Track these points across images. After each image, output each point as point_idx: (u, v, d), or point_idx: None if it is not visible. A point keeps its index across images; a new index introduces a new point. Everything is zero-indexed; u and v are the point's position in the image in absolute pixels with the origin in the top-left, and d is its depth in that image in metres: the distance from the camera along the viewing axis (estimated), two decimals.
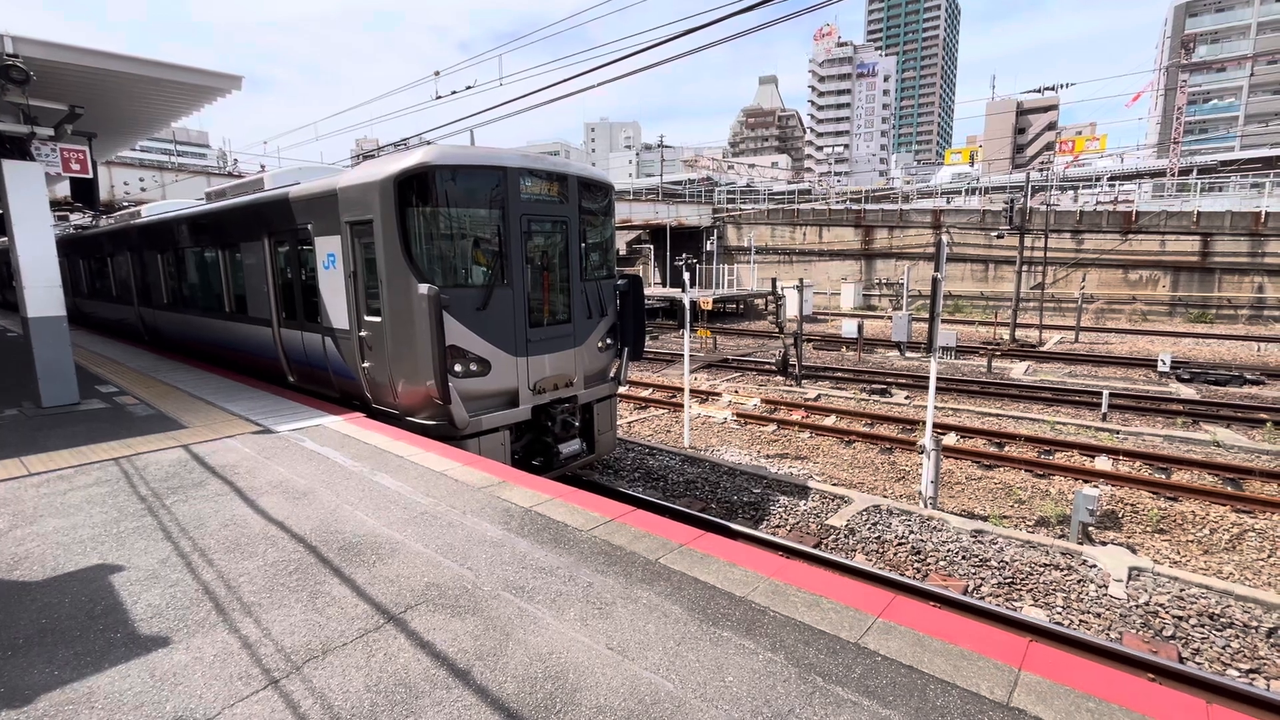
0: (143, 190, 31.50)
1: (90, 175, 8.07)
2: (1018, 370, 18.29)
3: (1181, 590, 6.32)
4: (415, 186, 6.41)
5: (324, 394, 8.26)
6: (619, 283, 8.53)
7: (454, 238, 6.77)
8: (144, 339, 14.09)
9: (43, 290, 7.73)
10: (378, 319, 6.82)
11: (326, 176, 7.94)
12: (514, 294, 7.00)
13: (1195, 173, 40.93)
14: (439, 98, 13.68)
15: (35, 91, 6.90)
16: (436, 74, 14.10)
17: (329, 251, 7.35)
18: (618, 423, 10.01)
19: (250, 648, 2.95)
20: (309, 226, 7.63)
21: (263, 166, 37.31)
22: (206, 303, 10.78)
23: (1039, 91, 42.36)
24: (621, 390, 9.00)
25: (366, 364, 7.14)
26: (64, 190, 19.15)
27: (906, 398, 15.17)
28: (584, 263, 7.84)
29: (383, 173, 6.47)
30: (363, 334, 7.08)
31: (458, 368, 6.58)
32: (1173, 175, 42.65)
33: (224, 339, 10.46)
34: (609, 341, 8.40)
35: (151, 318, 13.24)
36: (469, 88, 12.77)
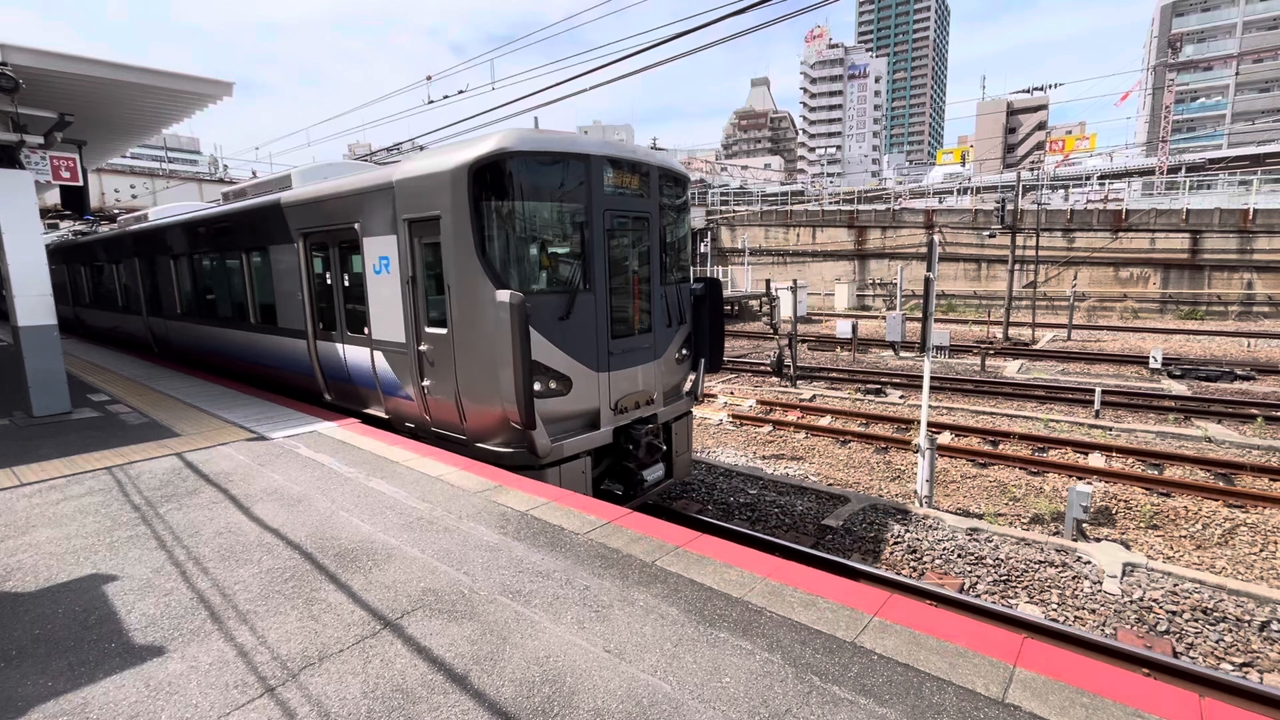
0: (133, 197, 31.33)
1: (80, 183, 8.03)
2: (1011, 368, 18.38)
3: (1175, 585, 6.36)
4: (491, 177, 5.55)
5: (369, 415, 7.49)
6: (695, 286, 7.75)
7: (534, 236, 5.92)
8: (154, 351, 13.36)
9: (33, 299, 7.68)
10: (442, 330, 6.03)
11: (365, 172, 7.28)
12: (596, 301, 6.19)
13: (1184, 171, 41.29)
14: (431, 102, 13.68)
15: (24, 99, 6.88)
16: (429, 78, 14.10)
17: (381, 254, 6.56)
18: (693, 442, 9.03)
19: (246, 656, 2.94)
20: (356, 226, 6.83)
21: (254, 173, 37.17)
22: (226, 312, 9.91)
23: (1028, 92, 42.64)
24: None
25: (427, 382, 6.33)
26: (54, 198, 19.07)
27: (901, 397, 15.22)
28: (664, 265, 7.10)
29: (454, 161, 5.61)
30: (422, 348, 6.29)
31: (536, 386, 5.72)
32: (1162, 173, 42.99)
33: (247, 352, 9.64)
34: (684, 352, 7.60)
35: (162, 329, 12.48)
36: (461, 92, 12.77)
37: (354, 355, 7.36)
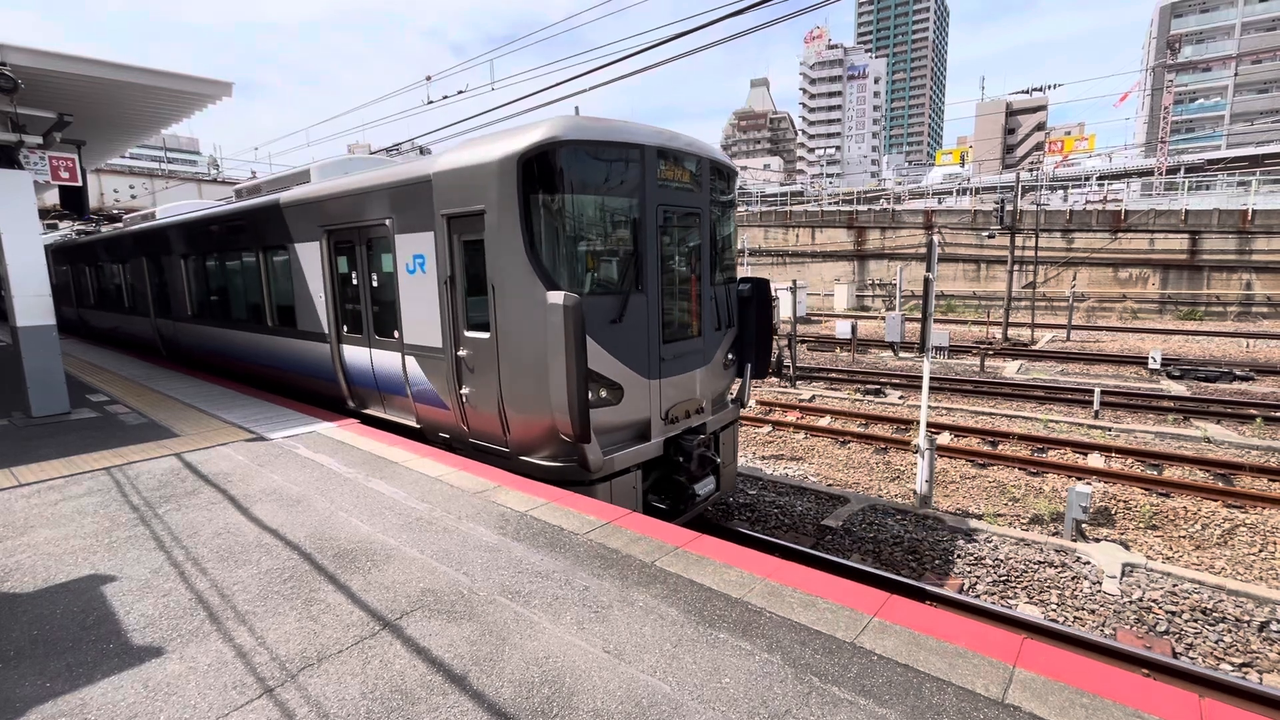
0: (133, 198, 31.34)
1: (79, 183, 8.03)
2: (1010, 369, 18.38)
3: (1174, 586, 6.36)
4: (540, 168, 5.16)
5: (397, 423, 7.17)
6: (741, 287, 7.35)
7: (586, 234, 5.52)
8: (161, 354, 13.06)
9: (32, 299, 7.68)
10: (484, 335, 5.65)
11: (386, 167, 6.96)
12: (648, 303, 5.80)
13: (1183, 171, 41.35)
14: (430, 102, 13.68)
15: (23, 99, 6.87)
16: (428, 79, 14.10)
17: (415, 252, 6.17)
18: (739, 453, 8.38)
19: (244, 657, 2.93)
20: (387, 222, 6.43)
21: (253, 173, 37.17)
22: (240, 314, 9.55)
23: (1027, 92, 42.74)
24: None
25: (466, 390, 5.95)
26: (53, 198, 19.06)
27: (900, 398, 15.23)
28: (713, 264, 6.71)
29: (500, 151, 5.22)
30: (461, 353, 5.91)
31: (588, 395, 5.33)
32: (1160, 174, 43.05)
33: (263, 356, 9.28)
34: (731, 357, 7.21)
35: (171, 331, 12.12)
36: (460, 92, 12.77)
37: (382, 360, 7.00)
